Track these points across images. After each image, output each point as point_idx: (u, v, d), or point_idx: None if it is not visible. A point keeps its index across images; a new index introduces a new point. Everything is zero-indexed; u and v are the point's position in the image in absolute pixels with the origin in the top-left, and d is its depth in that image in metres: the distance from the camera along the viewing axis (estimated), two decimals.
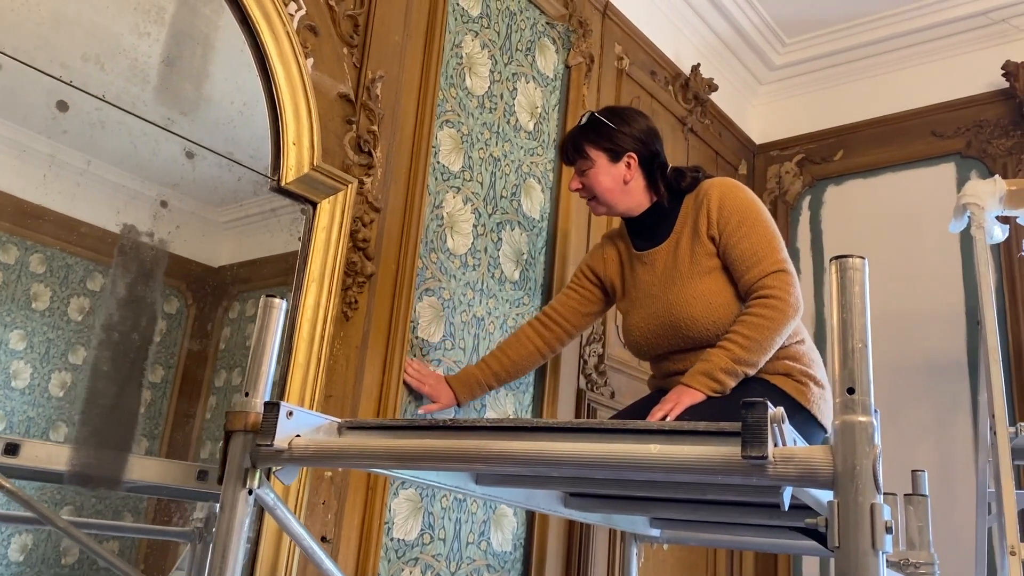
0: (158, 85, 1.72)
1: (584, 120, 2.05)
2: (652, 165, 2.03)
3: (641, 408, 1.98)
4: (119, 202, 1.68)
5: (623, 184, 2.01)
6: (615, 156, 2.01)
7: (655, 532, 2.28)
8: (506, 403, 2.43)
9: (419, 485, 2.11)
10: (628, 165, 2.01)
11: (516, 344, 2.17)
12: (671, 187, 2.03)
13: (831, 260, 0.93)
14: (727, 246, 1.90)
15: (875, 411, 0.91)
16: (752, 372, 1.80)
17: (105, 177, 1.67)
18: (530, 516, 2.45)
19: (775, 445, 0.91)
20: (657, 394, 2.00)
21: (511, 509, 2.39)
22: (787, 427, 0.92)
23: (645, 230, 2.06)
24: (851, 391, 0.88)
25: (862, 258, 0.92)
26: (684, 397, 1.76)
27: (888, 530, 0.85)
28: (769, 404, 0.90)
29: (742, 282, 1.87)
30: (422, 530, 2.12)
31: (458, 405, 2.16)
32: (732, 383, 1.78)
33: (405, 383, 2.09)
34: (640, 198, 2.04)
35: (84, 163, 1.63)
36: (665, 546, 2.85)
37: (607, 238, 2.22)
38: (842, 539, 0.85)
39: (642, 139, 2.01)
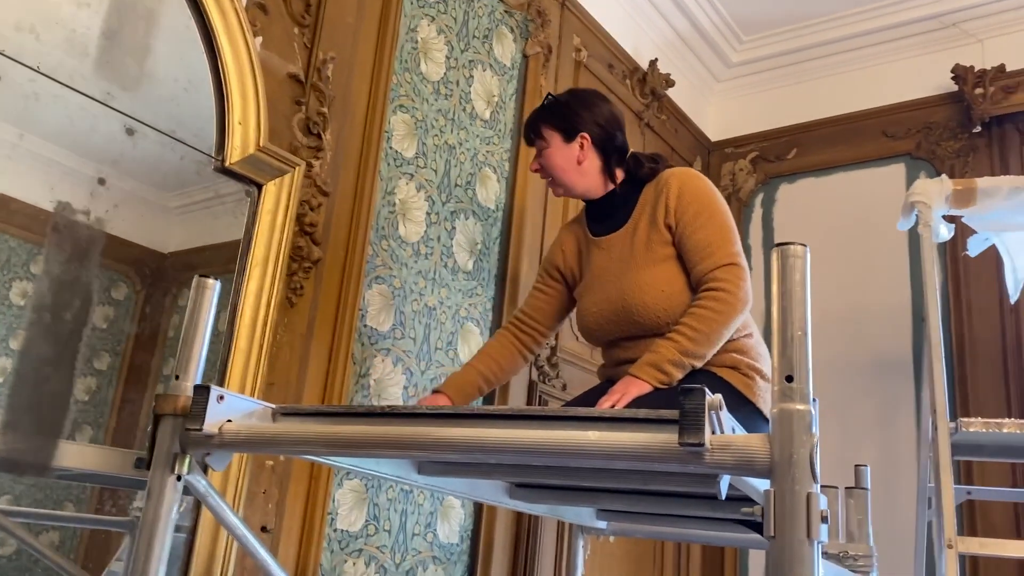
0: (98, 58, 1.66)
1: (544, 101, 2.06)
2: (608, 148, 2.02)
3: (590, 398, 1.97)
4: (53, 178, 1.62)
5: (576, 164, 2.00)
6: (568, 136, 2.00)
7: (601, 524, 2.28)
8: None
9: (364, 476, 2.08)
10: (581, 146, 2.00)
11: (499, 348, 2.10)
12: (629, 172, 2.03)
13: (773, 248, 0.92)
14: (683, 236, 1.90)
15: (814, 400, 0.91)
16: (699, 364, 1.80)
17: (39, 152, 1.61)
18: (477, 508, 2.43)
19: (713, 432, 0.90)
20: (606, 384, 2.00)
21: (458, 501, 2.37)
22: (725, 415, 0.91)
23: (603, 215, 2.05)
24: (789, 379, 0.88)
25: (804, 246, 0.91)
26: (631, 388, 1.75)
27: (824, 520, 0.85)
28: (707, 391, 0.89)
29: (694, 272, 1.88)
30: (367, 521, 2.09)
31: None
32: (679, 375, 1.78)
33: None
34: (596, 180, 2.02)
35: (16, 137, 1.57)
36: (611, 538, 2.85)
37: (564, 228, 2.21)
38: (777, 528, 0.84)
39: (598, 121, 2.01)
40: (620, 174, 2.03)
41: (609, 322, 1.97)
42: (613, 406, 1.72)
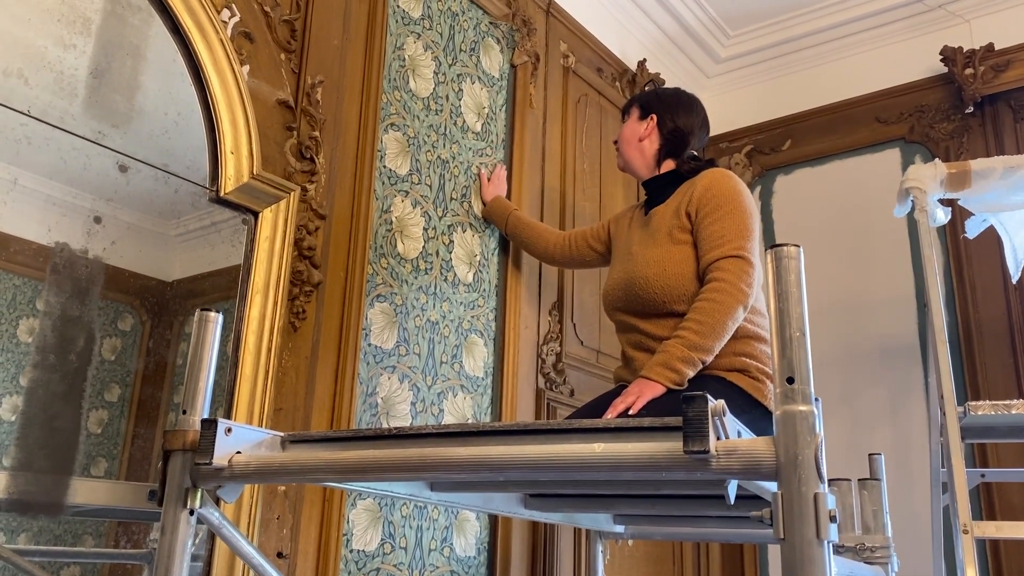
0: (87, 98, 1.67)
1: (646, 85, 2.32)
2: (670, 139, 2.16)
3: (603, 403, 1.98)
4: (51, 219, 1.63)
5: (638, 140, 2.18)
6: (643, 114, 2.20)
7: (619, 528, 2.28)
8: (464, 407, 2.41)
9: (377, 495, 2.08)
10: (648, 124, 2.17)
11: (548, 228, 2.55)
12: (680, 165, 2.15)
13: (767, 250, 0.93)
14: (699, 227, 1.97)
15: (816, 400, 0.91)
16: (709, 358, 1.82)
17: (35, 194, 1.62)
18: (493, 520, 2.43)
19: (718, 438, 0.90)
20: (620, 388, 2.01)
21: (473, 513, 2.37)
22: (729, 419, 0.92)
23: (651, 196, 2.19)
24: (791, 380, 0.88)
25: (797, 246, 0.92)
26: (646, 390, 1.77)
27: (832, 519, 0.85)
28: (710, 397, 0.90)
29: (702, 262, 1.93)
30: (382, 540, 2.09)
31: (484, 203, 2.59)
32: (690, 372, 1.80)
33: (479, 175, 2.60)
34: (649, 161, 2.18)
35: (11, 180, 1.58)
36: (630, 542, 2.85)
37: (633, 205, 2.36)
38: (787, 530, 0.84)
39: (672, 113, 2.16)
40: (670, 165, 2.16)
41: (619, 290, 2.07)
42: (628, 408, 1.74)
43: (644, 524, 2.26)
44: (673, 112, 2.16)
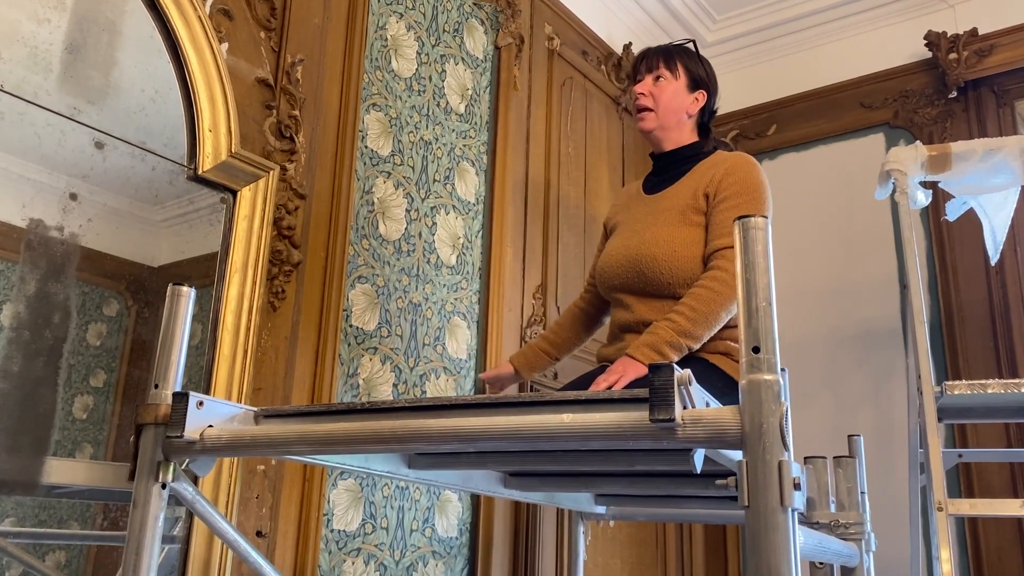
0: (62, 74, 1.66)
1: (687, 42, 2.17)
2: (705, 116, 2.13)
3: (586, 381, 1.98)
4: (25, 196, 1.61)
5: (685, 114, 2.09)
6: (694, 85, 2.10)
7: (600, 509, 2.29)
8: (447, 389, 2.42)
9: (359, 475, 2.08)
10: (697, 99, 2.10)
11: (564, 314, 2.34)
12: (704, 145, 2.12)
13: (734, 221, 0.93)
14: (714, 211, 1.93)
15: (782, 370, 0.91)
16: (696, 345, 1.81)
17: (8, 171, 1.60)
18: (475, 500, 2.43)
19: (684, 407, 0.90)
20: (603, 368, 2.01)
21: (455, 494, 2.38)
22: (695, 389, 0.92)
23: (661, 173, 2.12)
24: (756, 350, 0.88)
25: (764, 217, 0.92)
26: (629, 369, 1.76)
27: (796, 487, 0.85)
28: (676, 367, 0.90)
29: (708, 247, 1.90)
30: (363, 520, 2.09)
31: (519, 376, 2.30)
32: (675, 357, 1.79)
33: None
34: (684, 134, 2.11)
35: None
36: (612, 523, 2.86)
37: (624, 188, 2.29)
38: (751, 498, 0.85)
39: (715, 92, 2.14)
40: (693, 138, 2.11)
41: (620, 267, 2.00)
42: (611, 386, 1.74)
43: (625, 505, 2.27)
44: (715, 94, 2.14)
